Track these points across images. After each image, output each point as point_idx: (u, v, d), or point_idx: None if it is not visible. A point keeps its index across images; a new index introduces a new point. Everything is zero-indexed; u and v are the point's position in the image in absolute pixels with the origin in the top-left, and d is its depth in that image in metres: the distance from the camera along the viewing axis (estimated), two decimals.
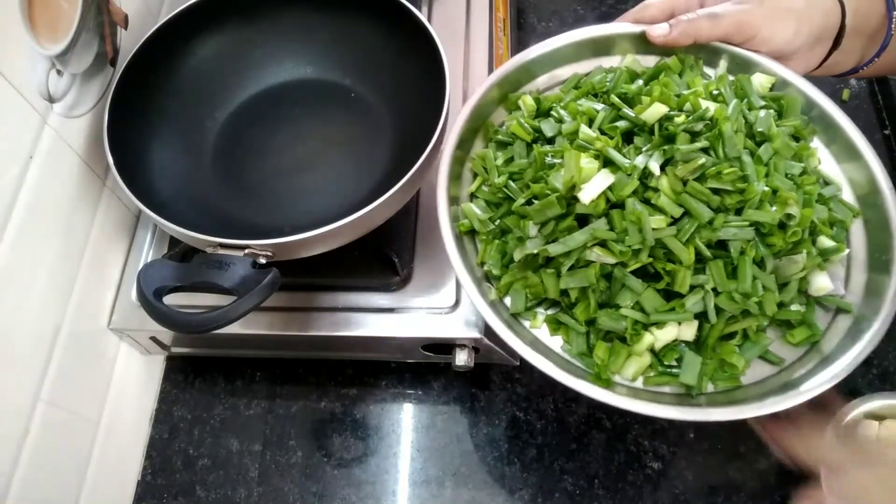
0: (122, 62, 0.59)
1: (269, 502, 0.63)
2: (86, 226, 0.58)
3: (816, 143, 0.53)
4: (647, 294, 0.44)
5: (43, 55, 0.51)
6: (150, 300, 0.48)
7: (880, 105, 0.81)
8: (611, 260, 0.44)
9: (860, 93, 0.82)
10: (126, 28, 0.62)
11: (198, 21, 0.63)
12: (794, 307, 0.46)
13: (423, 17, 0.58)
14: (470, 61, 0.71)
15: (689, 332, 0.44)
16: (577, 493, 0.62)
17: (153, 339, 0.64)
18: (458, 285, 0.60)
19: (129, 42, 0.62)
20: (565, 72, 0.56)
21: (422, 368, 0.68)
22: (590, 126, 0.48)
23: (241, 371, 0.69)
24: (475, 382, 0.67)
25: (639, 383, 0.45)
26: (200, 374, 0.70)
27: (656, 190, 0.44)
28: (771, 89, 0.53)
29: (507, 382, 0.67)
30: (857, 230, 0.49)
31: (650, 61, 0.55)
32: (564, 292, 0.46)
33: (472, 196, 0.53)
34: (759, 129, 0.47)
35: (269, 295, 0.47)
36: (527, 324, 0.49)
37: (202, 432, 0.67)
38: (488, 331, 0.58)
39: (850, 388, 0.64)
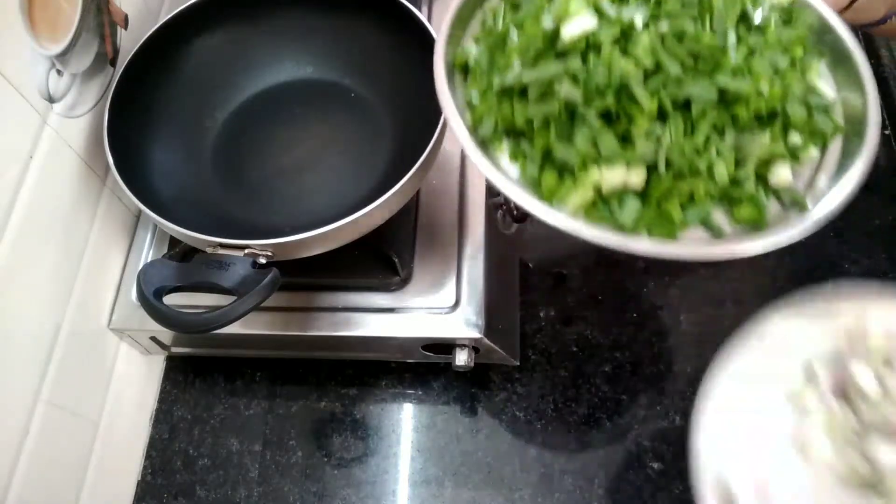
0: (122, 62, 0.59)
1: (269, 502, 0.63)
2: (86, 226, 0.58)
3: (823, 70, 0.50)
4: (604, 135, 0.44)
5: (43, 55, 0.51)
6: (150, 300, 0.48)
7: (880, 105, 0.81)
8: (577, 95, 0.44)
9: None
10: (126, 28, 0.62)
11: (198, 21, 0.63)
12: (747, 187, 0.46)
13: (423, 17, 0.58)
14: None
15: (636, 178, 0.44)
16: (577, 493, 0.62)
17: (153, 339, 0.64)
18: (458, 285, 0.60)
19: (129, 42, 0.62)
20: None
21: (422, 368, 0.68)
22: None
23: (241, 371, 0.69)
24: (475, 382, 0.67)
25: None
26: (200, 374, 0.70)
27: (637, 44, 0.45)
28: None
29: (507, 382, 0.67)
30: (834, 149, 0.48)
31: None
32: (530, 124, 0.47)
33: (476, 41, 0.53)
34: (756, 24, 0.47)
35: (269, 295, 0.47)
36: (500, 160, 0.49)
37: (202, 432, 0.67)
38: (488, 332, 0.58)
39: None
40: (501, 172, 0.46)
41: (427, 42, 0.57)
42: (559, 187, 0.46)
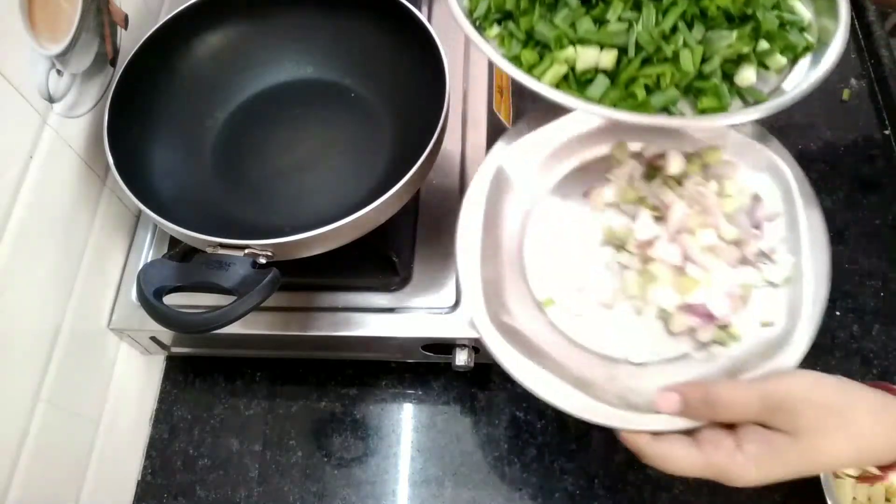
0: (122, 62, 0.59)
1: (269, 502, 0.63)
2: (86, 226, 0.58)
3: None
4: (581, 17, 0.49)
5: (43, 55, 0.51)
6: (150, 300, 0.48)
7: (880, 105, 0.81)
8: None
9: (860, 93, 0.82)
10: (126, 28, 0.62)
11: (198, 21, 0.63)
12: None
13: (423, 17, 0.58)
14: (470, 61, 0.71)
15: (607, 59, 0.48)
16: (577, 493, 0.62)
17: (153, 339, 0.64)
18: (459, 285, 0.60)
19: (129, 42, 0.62)
20: None
21: (422, 368, 0.68)
22: None
23: (241, 371, 0.69)
24: (475, 382, 0.67)
25: None
26: (200, 374, 0.70)
27: None
28: None
29: (507, 382, 0.67)
30: (803, 65, 0.51)
31: None
32: (517, 5, 0.51)
33: None
34: None
35: (269, 295, 0.47)
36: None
37: (202, 432, 0.67)
38: None
39: None
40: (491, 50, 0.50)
41: (427, 42, 0.57)
42: (538, 63, 0.50)
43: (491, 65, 0.71)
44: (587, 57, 0.48)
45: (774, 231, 0.48)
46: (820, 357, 0.66)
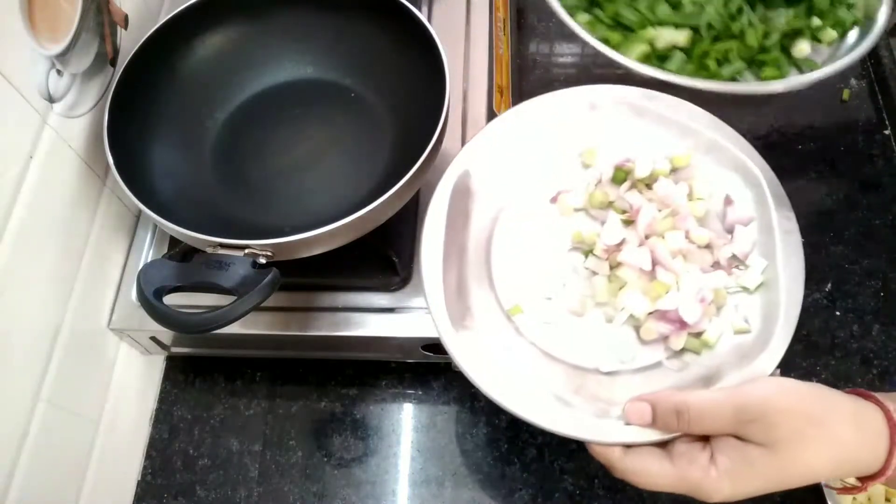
0: (122, 62, 0.59)
1: (269, 502, 0.63)
2: (86, 226, 0.58)
3: None
4: (660, 2, 0.60)
5: (43, 55, 0.51)
6: (150, 300, 0.48)
7: (880, 105, 0.81)
8: None
9: (860, 93, 0.82)
10: (126, 28, 0.62)
11: (198, 21, 0.63)
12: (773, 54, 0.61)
13: (423, 17, 0.58)
14: (470, 61, 0.71)
15: (682, 37, 0.58)
16: (577, 493, 0.62)
17: (153, 339, 0.64)
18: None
19: (129, 42, 0.62)
20: None
21: (422, 368, 0.68)
22: None
23: (241, 371, 0.69)
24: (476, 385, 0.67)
25: None
26: (200, 374, 0.70)
27: None
28: None
29: None
30: (852, 37, 0.62)
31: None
32: None
33: None
34: None
35: (269, 295, 0.47)
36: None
37: (202, 432, 0.67)
38: None
39: (851, 388, 0.64)
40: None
41: (427, 42, 0.57)
42: (623, 42, 0.60)
43: (491, 65, 0.71)
44: (666, 36, 0.58)
45: (747, 235, 0.47)
46: (820, 357, 0.66)
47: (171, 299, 0.49)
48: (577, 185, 0.53)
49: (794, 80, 0.58)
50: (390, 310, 0.60)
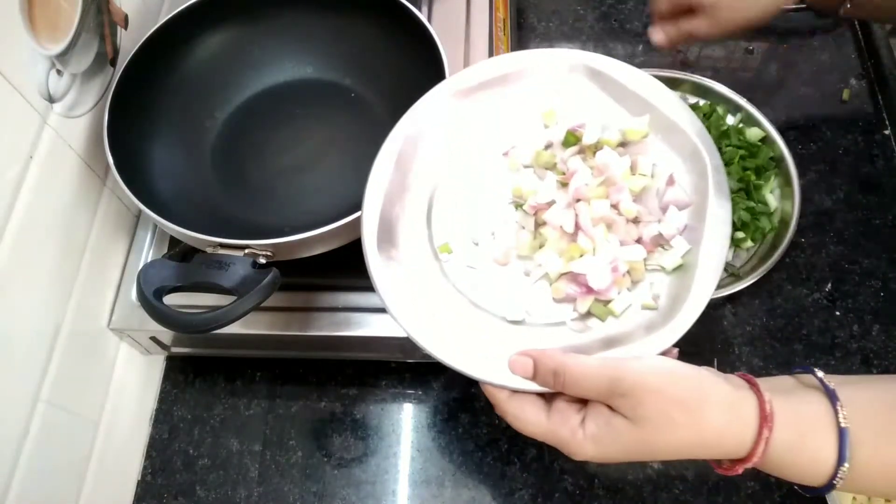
0: (122, 62, 0.59)
1: (269, 502, 0.63)
2: (86, 226, 0.58)
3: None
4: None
5: (43, 55, 0.51)
6: (150, 300, 0.48)
7: (880, 105, 0.81)
8: None
9: (860, 93, 0.82)
10: (126, 28, 0.62)
11: (198, 21, 0.63)
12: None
13: (422, 17, 0.58)
14: (470, 61, 0.71)
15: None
16: (577, 493, 0.62)
17: (153, 339, 0.64)
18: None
19: (129, 42, 0.62)
20: None
21: (422, 368, 0.68)
22: None
23: (241, 371, 0.69)
24: (475, 382, 0.67)
25: None
26: (200, 374, 0.70)
27: None
28: None
29: None
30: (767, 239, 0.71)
31: None
32: None
33: None
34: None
35: (269, 295, 0.47)
36: None
37: (202, 432, 0.67)
38: None
39: None
40: None
41: (427, 42, 0.57)
42: None
43: None
44: None
45: (678, 217, 0.48)
46: (820, 357, 0.66)
47: (171, 299, 0.49)
48: (531, 143, 0.53)
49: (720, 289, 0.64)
50: None
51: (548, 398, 0.45)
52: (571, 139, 0.51)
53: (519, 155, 0.53)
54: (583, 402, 0.43)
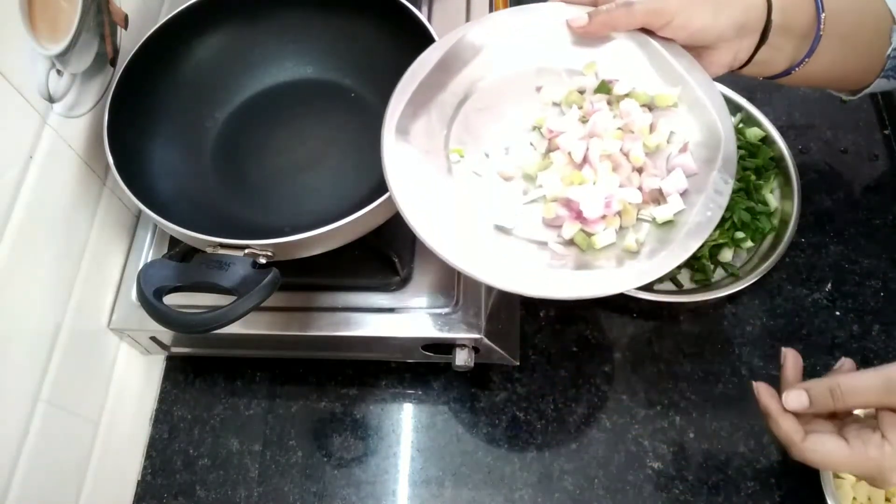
0: (122, 62, 0.59)
1: (269, 502, 0.63)
2: (86, 226, 0.58)
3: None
4: None
5: (43, 55, 0.51)
6: (150, 300, 0.48)
7: (880, 105, 0.81)
8: None
9: None
10: (126, 28, 0.62)
11: (198, 21, 0.63)
12: None
13: (423, 17, 0.58)
14: None
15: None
16: (577, 493, 0.62)
17: (153, 339, 0.64)
18: (458, 285, 0.60)
19: (129, 42, 0.62)
20: None
21: (422, 368, 0.68)
22: None
23: (241, 371, 0.69)
24: (475, 382, 0.67)
25: None
26: (200, 374, 0.70)
27: None
28: None
29: (507, 382, 0.67)
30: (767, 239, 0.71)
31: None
32: None
33: None
34: None
35: (269, 295, 0.47)
36: None
37: (202, 432, 0.67)
38: (488, 332, 0.58)
39: None
40: None
41: (427, 42, 0.57)
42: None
43: None
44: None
45: (680, 178, 0.50)
46: (820, 357, 0.66)
47: (171, 299, 0.49)
48: (565, 83, 0.55)
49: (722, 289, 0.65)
50: (390, 310, 0.60)
51: (837, 428, 0.47)
52: (604, 88, 0.54)
53: (550, 92, 0.55)
54: (860, 423, 0.46)
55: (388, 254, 0.60)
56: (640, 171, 0.51)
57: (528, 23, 0.56)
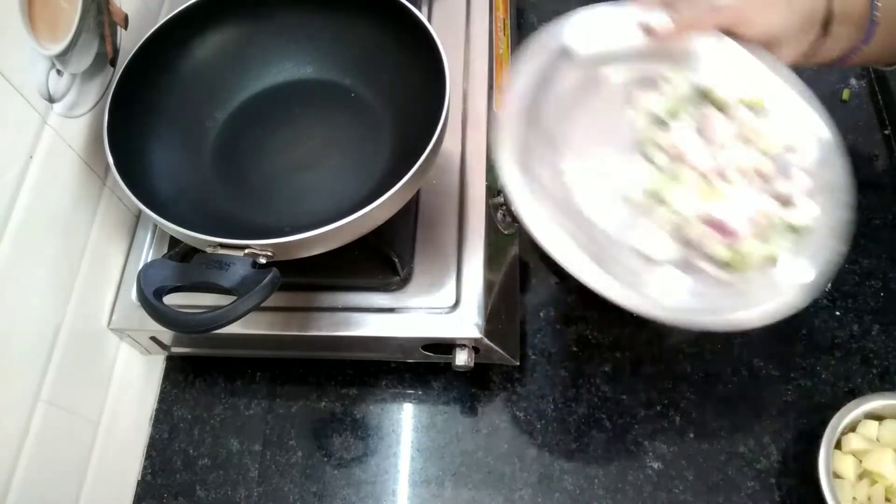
0: (122, 62, 0.58)
1: (269, 502, 0.63)
2: (86, 226, 0.58)
3: None
4: None
5: (43, 55, 0.51)
6: (150, 300, 0.48)
7: (880, 105, 0.81)
8: None
9: (860, 92, 0.82)
10: (126, 28, 0.62)
11: (198, 21, 0.63)
12: None
13: (423, 17, 0.58)
14: (470, 61, 0.71)
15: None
16: (577, 493, 0.62)
17: (153, 339, 0.64)
18: (458, 285, 0.60)
19: (129, 42, 0.62)
20: None
21: (422, 368, 0.68)
22: None
23: (241, 371, 0.69)
24: (475, 382, 0.67)
25: None
26: (200, 374, 0.70)
27: None
28: None
29: (507, 382, 0.67)
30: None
31: None
32: None
33: None
34: None
35: (269, 295, 0.47)
36: None
37: (202, 432, 0.67)
38: (488, 332, 0.58)
39: (851, 388, 0.65)
40: None
41: (427, 42, 0.57)
42: None
43: (491, 65, 0.71)
44: None
45: (804, 182, 0.49)
46: (820, 357, 0.66)
47: (171, 299, 0.49)
48: (665, 91, 0.53)
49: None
50: (390, 310, 0.60)
51: None
52: (708, 95, 0.52)
53: (647, 98, 0.53)
54: None
55: (388, 254, 0.60)
56: (763, 176, 0.50)
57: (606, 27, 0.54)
